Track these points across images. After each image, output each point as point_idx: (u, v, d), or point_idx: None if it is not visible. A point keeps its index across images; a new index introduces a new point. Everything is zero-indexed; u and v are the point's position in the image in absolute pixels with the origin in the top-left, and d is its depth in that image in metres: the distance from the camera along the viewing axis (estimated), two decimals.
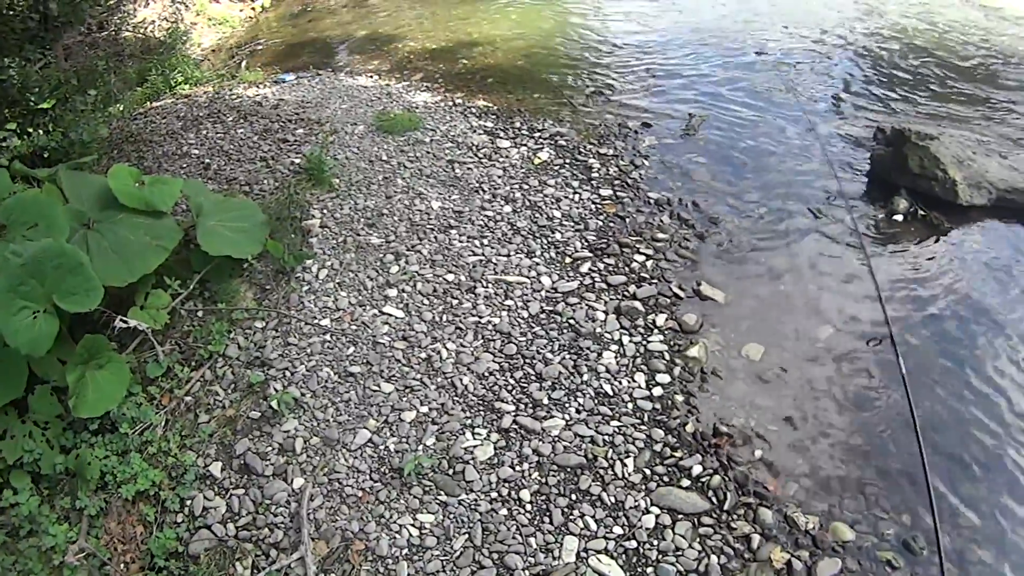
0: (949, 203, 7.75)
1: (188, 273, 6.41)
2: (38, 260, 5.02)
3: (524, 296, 6.57)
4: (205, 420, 5.64)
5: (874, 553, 4.73)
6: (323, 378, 5.87)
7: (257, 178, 8.17)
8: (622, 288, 6.66)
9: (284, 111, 9.91)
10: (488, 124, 9.40)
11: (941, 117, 9.65)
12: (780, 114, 9.81)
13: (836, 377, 5.96)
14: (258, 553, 4.86)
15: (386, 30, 13.88)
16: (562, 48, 12.31)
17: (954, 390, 5.86)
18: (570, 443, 5.35)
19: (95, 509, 4.98)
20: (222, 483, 5.26)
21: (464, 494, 5.05)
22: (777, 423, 5.57)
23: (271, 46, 14.03)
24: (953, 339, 6.35)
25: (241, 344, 6.16)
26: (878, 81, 10.87)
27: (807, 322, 6.47)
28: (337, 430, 5.49)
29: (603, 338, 6.17)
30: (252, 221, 6.71)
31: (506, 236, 7.24)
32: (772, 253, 7.23)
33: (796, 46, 12.14)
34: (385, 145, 8.81)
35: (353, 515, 4.97)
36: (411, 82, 11.07)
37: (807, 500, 5.05)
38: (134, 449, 5.31)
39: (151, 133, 9.48)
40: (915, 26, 13.00)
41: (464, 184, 8.04)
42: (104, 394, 5.22)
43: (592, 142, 8.95)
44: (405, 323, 6.31)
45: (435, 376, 5.87)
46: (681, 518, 4.92)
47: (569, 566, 4.65)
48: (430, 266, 6.87)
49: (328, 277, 6.75)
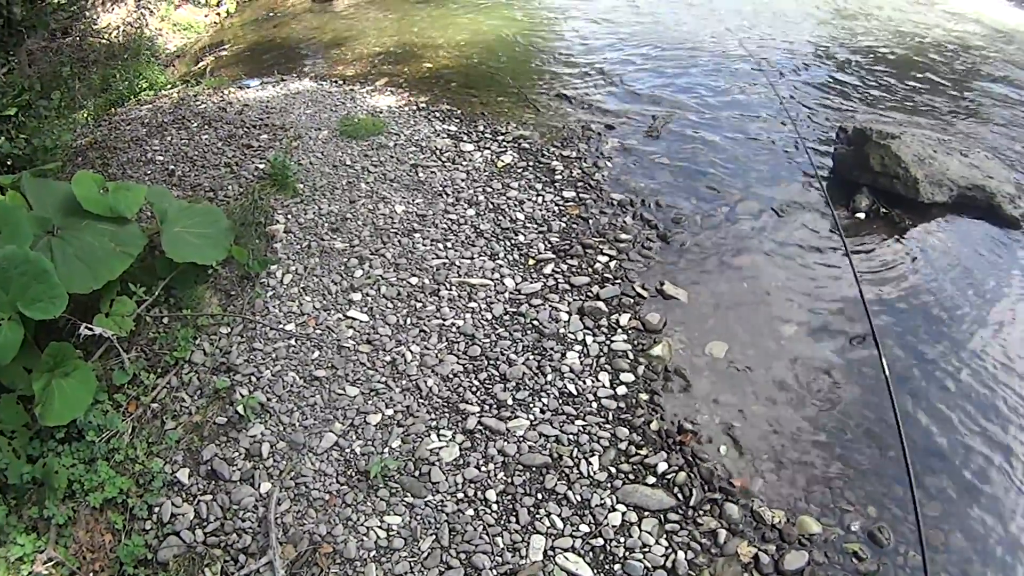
0: (911, 201, 7.85)
1: (153, 280, 6.39)
2: (2, 268, 4.97)
3: (488, 298, 6.60)
4: (172, 427, 5.63)
5: (840, 545, 4.79)
6: (288, 383, 5.88)
7: (221, 184, 8.15)
8: (585, 289, 6.71)
9: (248, 117, 9.90)
10: (451, 128, 9.42)
11: (903, 117, 9.75)
12: (743, 115, 9.89)
13: (800, 373, 6.03)
14: (227, 559, 4.86)
15: (351, 35, 13.87)
16: (526, 51, 12.36)
17: (914, 383, 5.95)
18: (535, 443, 5.39)
19: (63, 518, 4.95)
20: (190, 489, 5.25)
21: (430, 495, 5.08)
22: (742, 420, 5.63)
23: (236, 52, 13.99)
24: (915, 334, 6.43)
25: (207, 350, 6.15)
26: (841, 81, 10.97)
27: (770, 320, 6.54)
28: (303, 434, 5.50)
29: (567, 339, 6.22)
30: (217, 227, 6.70)
31: (469, 239, 7.27)
32: (735, 252, 7.29)
33: (760, 48, 12.21)
34: (349, 150, 8.82)
35: (320, 518, 4.99)
36: (375, 86, 11.06)
37: (773, 495, 5.11)
38: (101, 457, 5.29)
39: (115, 140, 9.46)
40: (878, 28, 13.12)
41: (428, 188, 8.06)
42: (70, 402, 5.18)
43: (555, 145, 8.99)
44: (369, 327, 6.33)
45: (400, 379, 5.89)
46: (647, 515, 4.96)
47: (536, 564, 4.68)
48: (394, 270, 6.89)
49: (292, 282, 6.76)
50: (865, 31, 12.92)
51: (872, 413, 5.69)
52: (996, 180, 8.05)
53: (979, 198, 7.92)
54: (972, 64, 11.71)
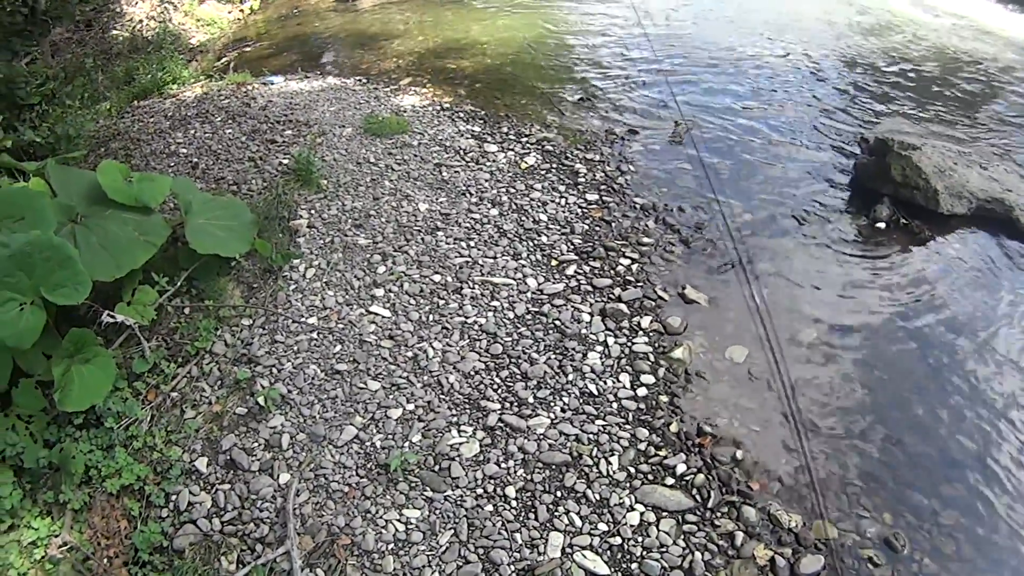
0: (930, 212, 7.86)
1: (175, 270, 6.40)
2: (26, 252, 4.98)
3: (510, 297, 6.60)
4: (191, 416, 5.64)
5: (856, 551, 4.79)
6: (310, 375, 5.89)
7: (245, 178, 8.17)
8: (607, 291, 6.71)
9: (272, 112, 9.92)
10: (476, 128, 9.43)
11: (924, 128, 9.72)
12: (766, 123, 9.87)
13: (818, 379, 6.03)
14: (243, 548, 4.87)
15: (374, 34, 13.87)
16: (551, 54, 12.34)
17: (932, 393, 5.95)
18: (555, 441, 5.39)
19: (79, 503, 4.96)
20: (208, 478, 5.26)
21: (450, 490, 5.09)
22: (760, 424, 5.63)
23: (259, 48, 14.00)
24: (932, 343, 6.43)
25: (228, 341, 6.17)
26: (863, 91, 10.94)
27: (790, 325, 6.53)
28: (324, 426, 5.51)
29: (588, 339, 6.22)
30: (240, 220, 6.72)
31: (493, 238, 7.28)
32: (756, 258, 7.27)
33: (785, 56, 12.19)
34: (373, 148, 8.83)
35: (339, 510, 5.00)
36: (399, 86, 11.08)
37: (790, 499, 5.12)
38: (119, 444, 5.30)
39: (139, 131, 9.47)
40: (902, 40, 13.08)
41: (451, 187, 8.07)
42: (90, 388, 5.19)
43: (579, 148, 8.99)
44: (392, 322, 6.34)
45: (421, 374, 5.90)
46: (665, 515, 4.97)
47: (554, 562, 4.68)
48: (417, 267, 6.90)
49: (315, 276, 6.78)
50: (889, 44, 12.87)
51: (891, 422, 5.69)
52: (1015, 194, 8.04)
53: (998, 211, 7.91)
54: (994, 79, 11.67)
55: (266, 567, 4.71)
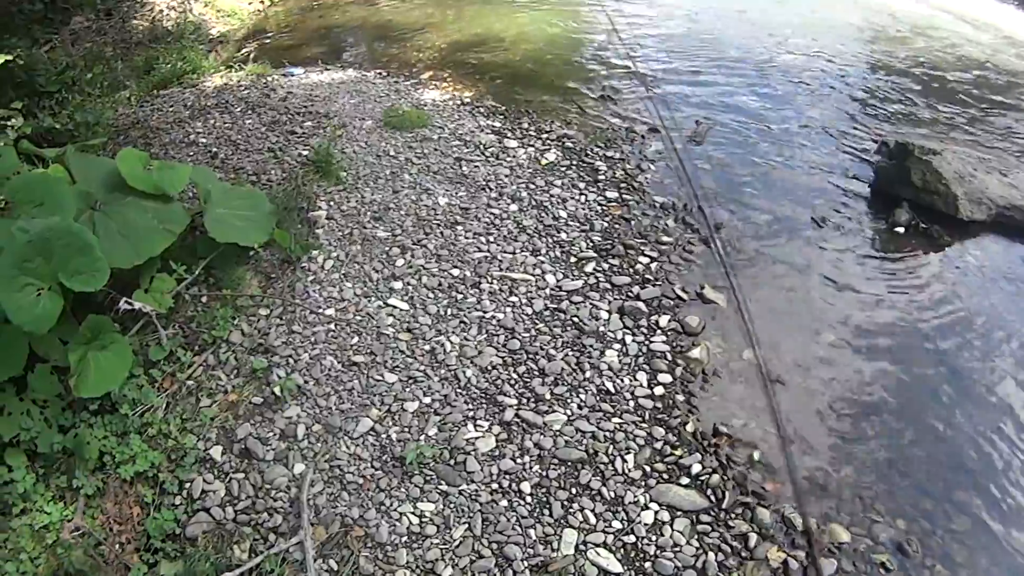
0: (950, 217, 7.83)
1: (194, 259, 6.42)
2: (45, 238, 4.98)
3: (528, 293, 6.58)
4: (207, 404, 5.64)
5: (869, 555, 4.77)
6: (326, 366, 5.88)
7: (264, 168, 8.16)
8: (626, 289, 6.68)
9: (292, 104, 9.90)
10: (496, 124, 9.40)
11: (944, 133, 9.69)
12: (787, 124, 9.83)
13: (835, 382, 6.00)
14: (256, 537, 4.87)
15: (395, 27, 13.84)
16: (572, 51, 12.30)
17: (947, 398, 5.92)
18: (571, 438, 5.37)
19: (92, 489, 4.98)
20: (222, 467, 5.26)
21: (465, 484, 5.07)
22: (776, 426, 5.59)
23: (280, 39, 13.96)
24: (949, 349, 6.41)
25: (245, 330, 6.16)
26: (884, 95, 10.89)
27: (808, 328, 6.51)
28: (339, 418, 5.50)
29: (606, 337, 6.20)
30: (260, 210, 6.71)
31: (512, 234, 7.26)
32: (775, 260, 7.26)
33: (807, 58, 12.14)
34: (393, 141, 8.81)
35: (353, 502, 4.99)
36: (420, 79, 11.07)
37: (804, 501, 5.07)
38: (134, 430, 5.30)
39: (158, 120, 9.46)
40: (925, 44, 13.03)
41: (471, 182, 8.05)
42: (106, 375, 5.19)
43: (599, 145, 8.96)
44: (410, 315, 6.33)
45: (438, 368, 5.88)
46: (680, 515, 4.95)
47: (568, 558, 4.67)
48: (436, 261, 6.88)
49: (334, 268, 6.77)
50: (912, 48, 12.82)
51: (906, 426, 5.67)
52: None
53: (1017, 218, 7.88)
54: (1016, 86, 11.62)
55: (279, 557, 4.69)
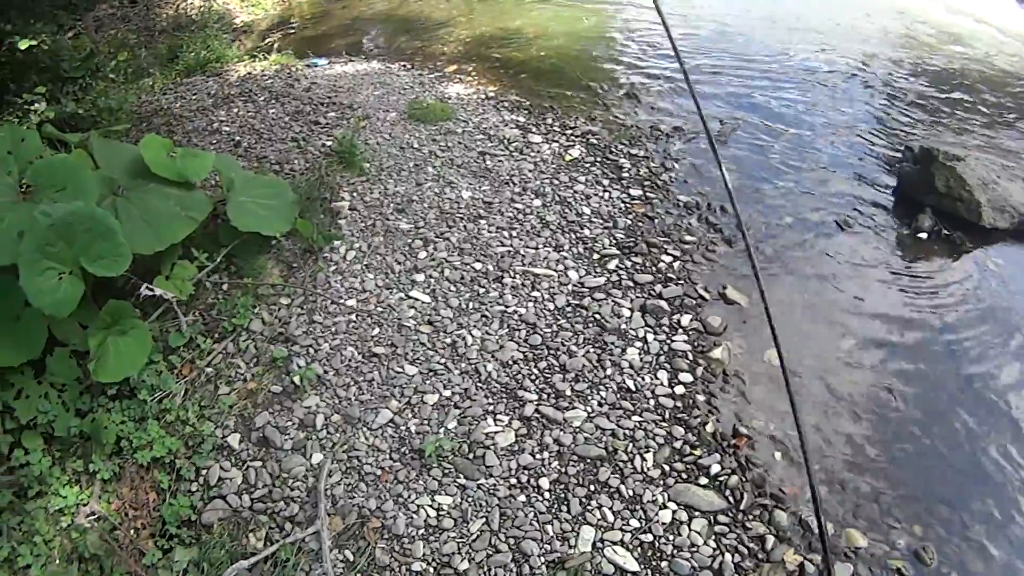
0: (972, 224, 7.77)
1: (215, 247, 6.43)
2: (68, 222, 4.98)
3: (551, 289, 6.56)
4: (225, 392, 5.64)
5: (885, 561, 4.75)
6: (347, 357, 5.87)
7: (288, 158, 8.16)
8: (648, 287, 6.64)
9: (316, 94, 9.90)
10: (520, 119, 9.38)
11: (968, 139, 9.63)
12: (813, 126, 9.77)
13: (855, 387, 5.96)
14: (272, 526, 4.87)
15: (420, 20, 13.86)
16: (598, 48, 12.27)
17: (967, 408, 5.88)
18: (591, 435, 5.35)
19: (108, 473, 4.99)
20: (239, 455, 5.27)
21: (483, 478, 5.06)
22: (796, 428, 5.55)
23: (304, 30, 14.02)
24: (970, 357, 6.36)
25: (265, 319, 6.16)
26: (911, 100, 10.82)
27: (829, 332, 6.47)
28: (359, 408, 5.49)
29: (628, 334, 6.16)
30: (282, 199, 6.71)
31: (535, 229, 7.23)
32: (798, 262, 7.22)
33: (833, 60, 12.07)
34: (417, 133, 8.80)
35: (371, 493, 4.99)
36: (444, 73, 11.06)
37: (823, 505, 5.03)
38: (152, 416, 5.32)
39: (182, 108, 9.49)
40: (953, 51, 12.96)
41: (495, 176, 8.03)
42: (125, 360, 5.20)
43: (623, 142, 8.92)
44: (431, 308, 6.31)
45: (459, 361, 5.87)
46: (697, 515, 4.93)
47: (585, 555, 4.65)
48: (458, 254, 6.86)
49: (355, 259, 6.75)
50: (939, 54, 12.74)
51: (925, 433, 5.63)
52: None
53: None
54: None
55: (294, 546, 4.69)
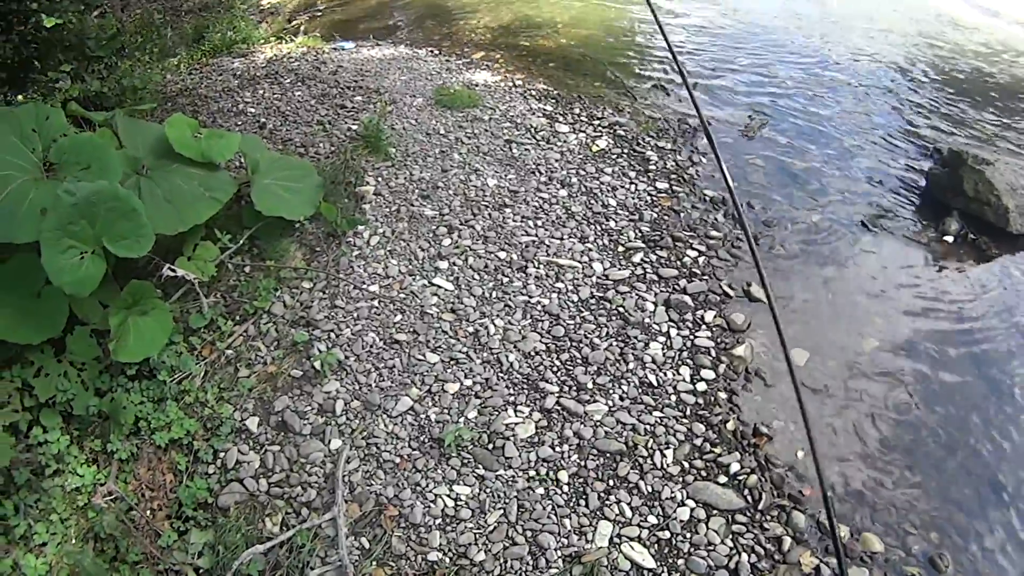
0: (1000, 230, 7.74)
1: (238, 228, 6.40)
2: (91, 201, 4.96)
3: (575, 280, 6.52)
4: (245, 375, 5.63)
5: (901, 567, 4.74)
6: (368, 343, 5.85)
7: (313, 141, 8.14)
8: (673, 281, 6.61)
9: (342, 78, 9.87)
10: (547, 108, 9.33)
11: (1000, 144, 9.56)
12: (841, 126, 9.72)
13: (877, 390, 5.94)
14: (289, 511, 4.86)
15: (448, 6, 13.83)
16: (626, 38, 12.24)
17: (988, 415, 5.86)
18: (611, 429, 5.32)
19: (126, 454, 4.99)
20: (258, 438, 5.26)
21: (502, 470, 5.04)
22: (816, 430, 5.53)
23: (331, 13, 14.01)
24: (993, 363, 6.33)
25: (287, 303, 6.15)
26: (941, 101, 10.76)
27: (853, 333, 6.44)
28: (379, 395, 5.47)
29: (651, 329, 6.13)
30: (307, 183, 6.69)
31: (560, 219, 7.19)
32: (823, 261, 7.19)
33: (864, 61, 12.01)
34: (443, 119, 8.76)
35: (389, 480, 4.97)
36: (471, 59, 11.02)
37: (840, 508, 5.06)
38: (171, 397, 5.32)
39: (207, 89, 9.48)
40: (982, 51, 12.88)
41: (521, 164, 7.99)
42: (145, 340, 5.19)
43: (651, 135, 8.87)
44: (454, 296, 6.29)
45: (481, 351, 5.84)
46: (716, 513, 4.91)
47: (601, 550, 4.63)
48: (483, 242, 6.83)
49: (379, 244, 6.72)
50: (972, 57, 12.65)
51: (946, 438, 5.62)
52: None
53: None
54: None
55: (311, 532, 4.68)
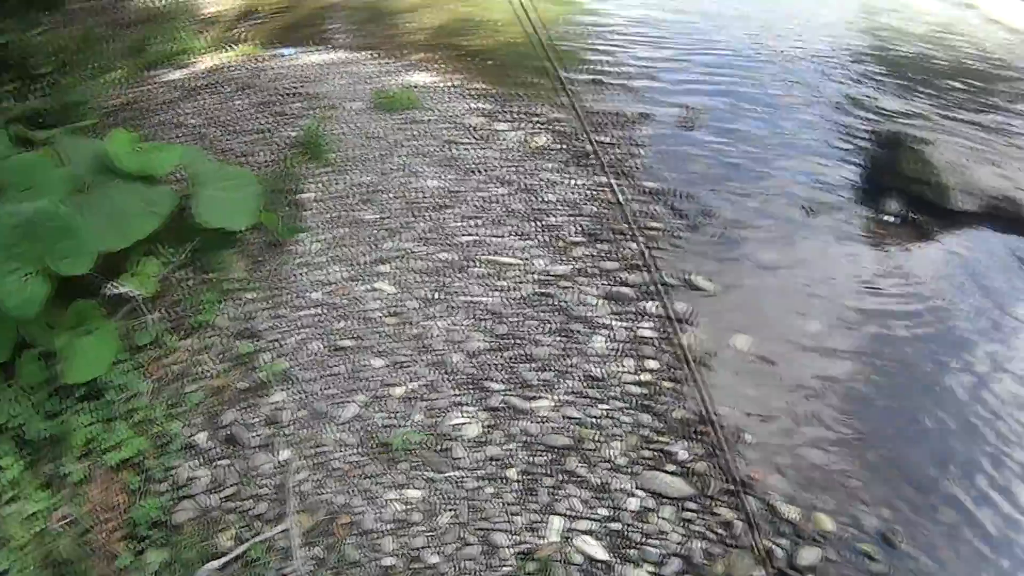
0: (940, 208, 7.82)
1: (181, 242, 6.38)
2: (32, 222, 4.98)
3: (517, 277, 6.55)
4: (192, 390, 5.60)
5: (854, 544, 4.75)
6: (313, 351, 5.85)
7: (253, 150, 8.13)
8: (614, 274, 6.65)
9: (282, 84, 9.88)
10: (486, 107, 9.37)
11: (936, 123, 9.68)
12: (778, 114, 9.83)
13: (823, 371, 5.98)
14: (242, 524, 4.83)
15: (387, 9, 13.84)
16: (565, 35, 12.31)
17: (934, 390, 5.92)
18: (558, 424, 5.34)
19: (79, 476, 4.96)
20: (207, 453, 5.23)
21: (451, 471, 5.04)
22: (763, 414, 5.59)
23: (271, 20, 13.96)
24: (937, 340, 6.40)
25: (231, 314, 6.14)
26: (878, 86, 10.89)
27: (795, 316, 6.50)
28: (325, 403, 5.46)
29: (594, 322, 6.16)
30: (248, 192, 6.67)
31: (500, 218, 7.22)
32: (763, 247, 7.25)
33: (801, 48, 12.14)
34: (382, 123, 8.78)
35: (339, 488, 4.95)
36: (410, 61, 11.03)
37: (790, 490, 5.07)
38: (120, 417, 5.29)
39: (148, 101, 9.46)
40: (916, 32, 13.03)
41: (460, 165, 8.01)
42: (92, 360, 5.20)
43: (590, 129, 8.90)
44: (397, 299, 6.29)
45: (425, 353, 5.85)
46: (666, 502, 4.91)
47: (554, 545, 4.63)
48: (423, 244, 6.85)
49: (321, 251, 6.73)
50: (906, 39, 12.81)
51: (893, 416, 5.66)
52: None
53: (1008, 209, 7.87)
54: (1009, 77, 11.62)
55: (265, 544, 4.66)
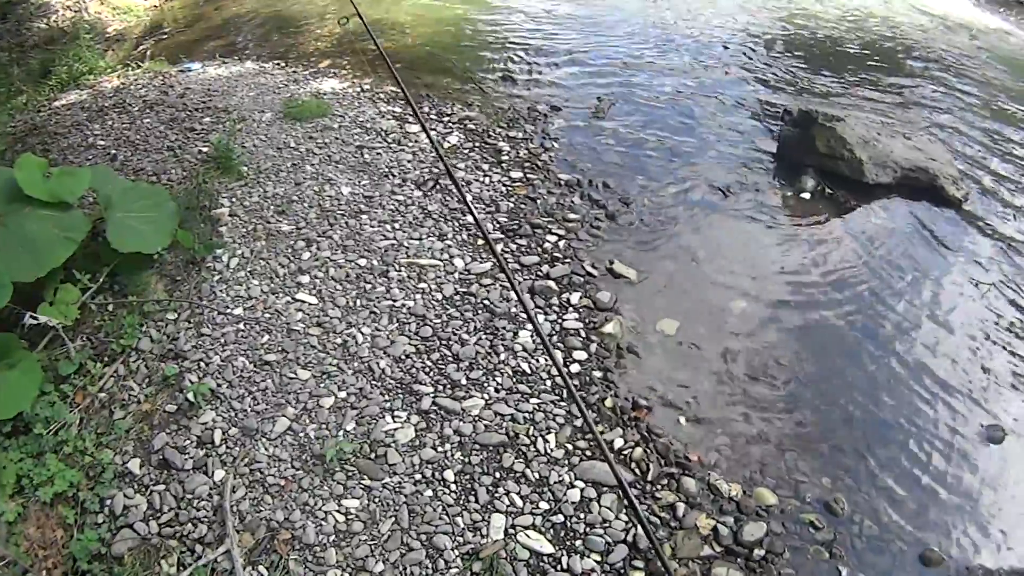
0: (855, 182, 8.08)
1: (98, 266, 6.27)
2: None
3: (438, 278, 6.56)
4: (121, 416, 5.52)
5: (797, 516, 4.90)
6: (239, 368, 5.80)
7: (164, 168, 8.03)
8: (535, 268, 6.71)
9: (190, 100, 9.76)
10: (397, 109, 9.36)
11: (848, 101, 9.88)
12: (689, 96, 9.98)
13: (750, 348, 6.13)
14: (183, 549, 4.78)
15: (292, 17, 13.73)
16: (472, 33, 12.32)
17: (861, 359, 6.10)
18: (491, 422, 5.38)
19: (13, 515, 4.85)
20: (142, 480, 5.16)
21: (388, 477, 5.04)
22: (695, 395, 5.70)
23: (177, 35, 13.82)
24: (860, 310, 6.61)
25: (154, 337, 6.06)
26: (791, 66, 11.08)
27: (720, 297, 6.62)
28: (256, 419, 5.43)
29: (518, 318, 6.20)
30: (162, 211, 6.57)
31: (417, 220, 7.23)
32: (683, 231, 7.37)
33: (708, 33, 12.29)
34: (293, 132, 8.73)
35: (277, 504, 4.93)
36: (318, 69, 10.97)
37: (729, 467, 5.20)
38: (50, 450, 5.19)
39: (56, 125, 9.30)
40: (822, 12, 13.21)
41: (374, 169, 8.00)
42: (16, 395, 5.11)
43: (501, 125, 8.99)
44: (319, 309, 6.27)
45: (352, 361, 5.84)
46: (606, 490, 4.98)
47: (498, 543, 4.67)
48: (342, 251, 6.83)
49: (239, 266, 6.68)
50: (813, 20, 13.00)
51: (824, 388, 5.82)
52: (939, 162, 8.25)
53: (922, 179, 8.13)
54: (920, 54, 11.91)
55: (208, 568, 4.63)
